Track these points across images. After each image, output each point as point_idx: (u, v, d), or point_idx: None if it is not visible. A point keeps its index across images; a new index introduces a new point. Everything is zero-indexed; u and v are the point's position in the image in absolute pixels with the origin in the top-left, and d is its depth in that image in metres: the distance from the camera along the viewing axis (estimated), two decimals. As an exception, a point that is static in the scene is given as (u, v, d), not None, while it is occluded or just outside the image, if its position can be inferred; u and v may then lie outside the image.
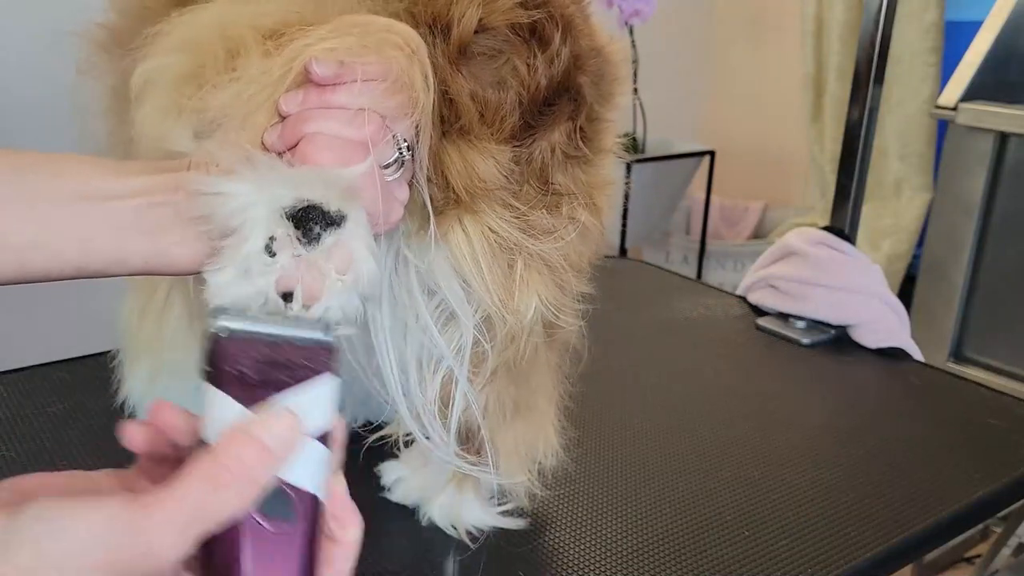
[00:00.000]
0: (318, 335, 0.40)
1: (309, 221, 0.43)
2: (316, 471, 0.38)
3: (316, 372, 0.39)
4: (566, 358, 0.72)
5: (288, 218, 0.43)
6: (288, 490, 0.37)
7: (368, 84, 0.47)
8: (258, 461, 0.36)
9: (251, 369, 0.38)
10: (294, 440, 0.37)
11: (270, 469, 0.36)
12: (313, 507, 0.37)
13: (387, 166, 0.49)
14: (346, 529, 0.40)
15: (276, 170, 0.45)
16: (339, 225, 0.44)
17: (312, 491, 0.37)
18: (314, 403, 0.39)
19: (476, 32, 0.53)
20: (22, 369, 0.95)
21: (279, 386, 0.38)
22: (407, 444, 0.73)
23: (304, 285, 0.43)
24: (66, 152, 0.50)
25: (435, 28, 0.52)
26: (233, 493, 0.35)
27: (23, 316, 1.53)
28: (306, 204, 0.43)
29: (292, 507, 0.37)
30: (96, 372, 0.88)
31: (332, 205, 0.43)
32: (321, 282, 0.43)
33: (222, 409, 0.38)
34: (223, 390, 0.38)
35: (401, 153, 0.49)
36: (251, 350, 0.39)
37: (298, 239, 0.43)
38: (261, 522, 0.36)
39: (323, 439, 0.38)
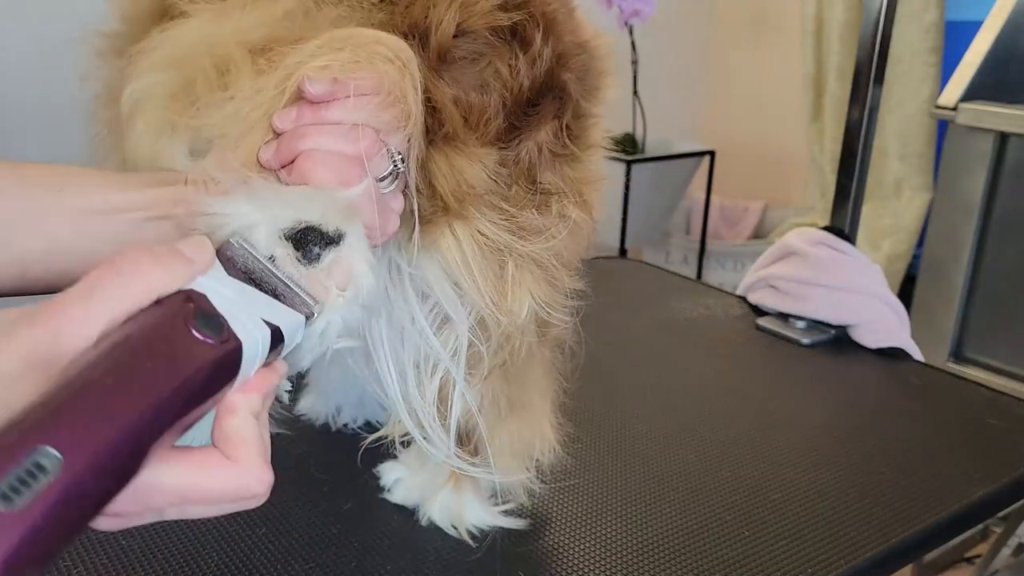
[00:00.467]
0: (306, 302, 0.44)
1: (308, 243, 0.44)
2: (254, 337, 0.40)
3: (293, 308, 0.43)
4: (559, 355, 0.72)
5: (287, 239, 0.44)
6: (223, 321, 0.39)
7: (362, 99, 0.47)
8: (165, 253, 0.38)
9: (242, 267, 0.42)
10: (205, 252, 0.40)
11: (178, 267, 0.38)
12: (234, 350, 0.39)
13: (382, 179, 0.49)
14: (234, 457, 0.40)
15: (274, 191, 0.45)
16: (338, 243, 0.45)
17: (241, 339, 0.39)
18: (281, 313, 0.42)
19: (455, 36, 0.53)
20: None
21: (259, 287, 0.42)
22: (405, 445, 0.73)
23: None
24: (66, 158, 0.50)
25: (413, 36, 0.52)
26: (136, 278, 0.37)
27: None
28: (304, 226, 0.44)
29: (221, 332, 0.38)
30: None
31: (330, 225, 0.45)
32: (322, 297, 0.44)
33: None
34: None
35: (396, 166, 0.49)
36: (250, 265, 0.43)
37: (298, 259, 0.44)
38: (189, 326, 0.37)
39: (273, 337, 0.41)
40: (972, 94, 1.60)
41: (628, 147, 2.17)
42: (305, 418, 0.86)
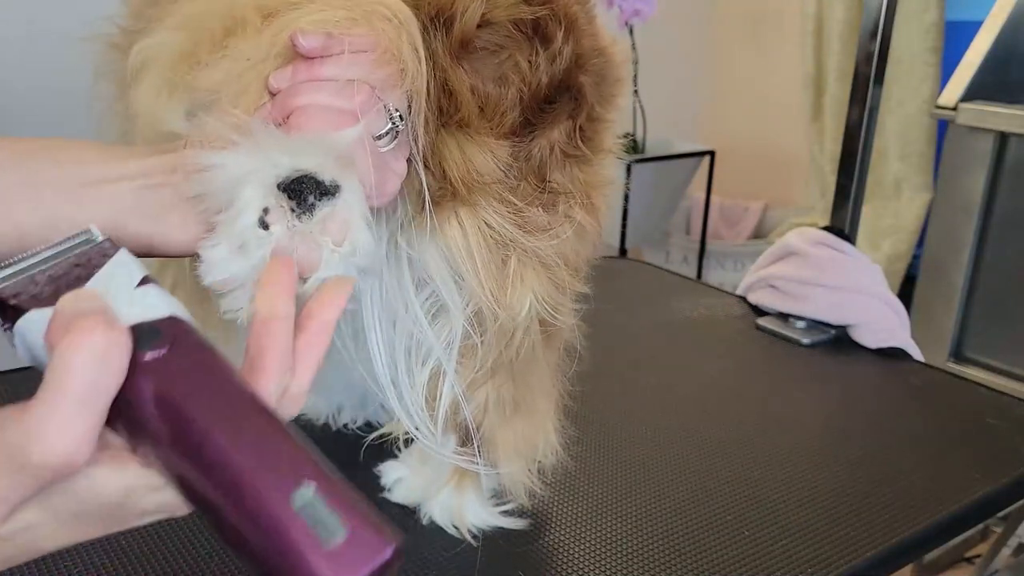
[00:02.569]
0: (84, 244, 0.40)
1: (303, 191, 0.43)
2: (153, 303, 0.38)
3: (103, 262, 0.39)
4: (564, 358, 0.72)
5: (282, 189, 0.43)
6: (147, 325, 0.36)
7: (356, 55, 0.47)
8: (86, 320, 0.35)
9: (41, 289, 0.38)
10: (97, 302, 0.36)
11: (99, 324, 0.35)
12: (175, 326, 0.37)
13: (380, 136, 0.48)
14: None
15: (269, 138, 0.44)
16: (333, 195, 0.43)
17: (165, 314, 0.37)
18: (117, 273, 0.39)
19: (479, 26, 0.53)
20: (22, 369, 0.95)
21: (75, 285, 0.38)
22: (406, 444, 0.73)
23: (299, 257, 0.43)
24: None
25: (438, 20, 0.52)
26: (80, 355, 0.34)
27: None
28: (300, 174, 0.43)
29: (159, 334, 0.36)
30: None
31: (326, 174, 0.43)
32: (317, 253, 0.43)
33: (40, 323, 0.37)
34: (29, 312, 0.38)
35: (394, 124, 0.49)
36: (27, 285, 0.39)
37: (292, 210, 0.43)
38: (147, 359, 0.35)
39: (147, 281, 0.38)
40: (972, 94, 1.60)
41: (628, 147, 2.16)
42: (305, 417, 0.86)
